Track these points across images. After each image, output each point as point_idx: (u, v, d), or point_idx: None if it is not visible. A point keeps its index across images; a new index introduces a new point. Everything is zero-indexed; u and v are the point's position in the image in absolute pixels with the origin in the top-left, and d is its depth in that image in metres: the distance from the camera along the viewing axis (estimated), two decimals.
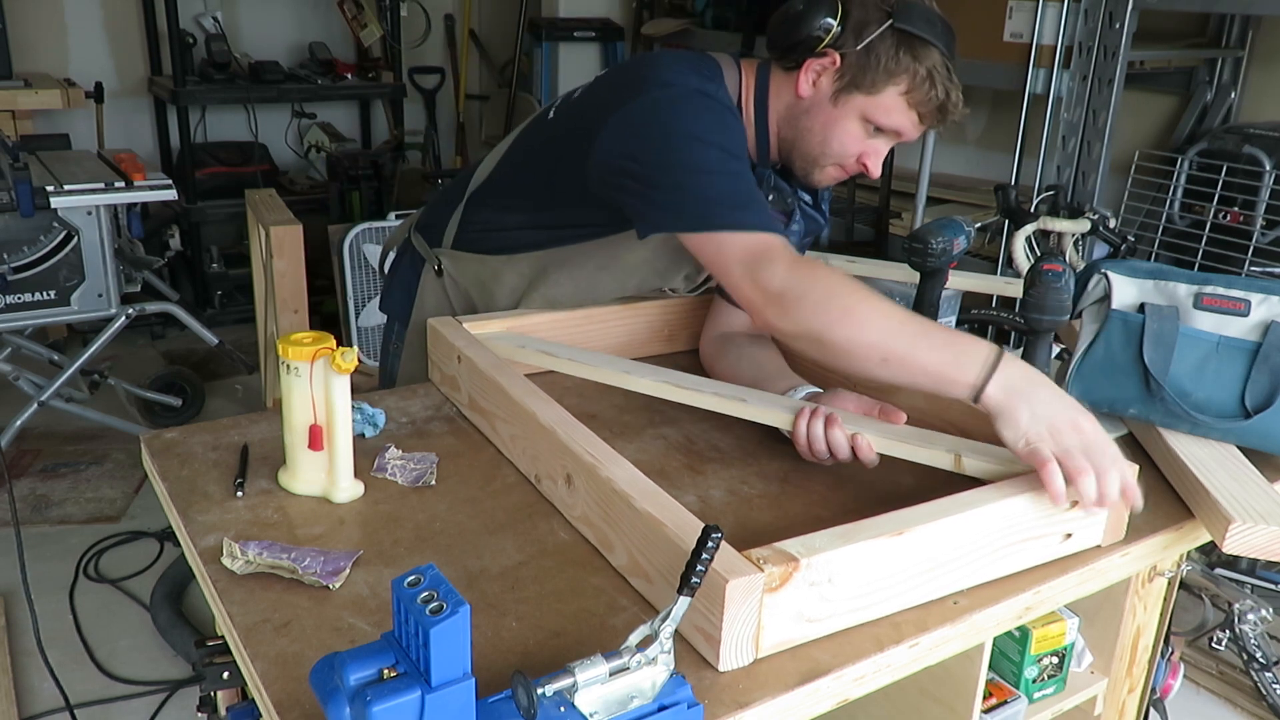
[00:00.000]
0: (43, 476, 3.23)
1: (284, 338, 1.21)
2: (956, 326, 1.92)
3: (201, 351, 3.94)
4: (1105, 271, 1.49)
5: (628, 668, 0.85)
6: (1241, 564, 2.56)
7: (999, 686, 1.44)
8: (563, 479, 1.22)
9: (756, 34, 4.25)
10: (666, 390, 1.45)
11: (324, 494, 1.25)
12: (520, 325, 1.63)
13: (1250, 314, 1.40)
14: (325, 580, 1.08)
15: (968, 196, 3.72)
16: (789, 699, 0.96)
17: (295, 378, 1.21)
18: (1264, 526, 1.19)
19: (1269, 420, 1.37)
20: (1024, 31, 3.15)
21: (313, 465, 1.25)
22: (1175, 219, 3.08)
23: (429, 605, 0.76)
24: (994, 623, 1.12)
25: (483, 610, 1.05)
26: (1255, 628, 2.23)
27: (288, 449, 1.26)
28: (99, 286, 3.00)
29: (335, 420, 1.22)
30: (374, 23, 4.57)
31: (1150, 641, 1.49)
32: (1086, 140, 3.07)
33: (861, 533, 1.03)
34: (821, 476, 1.36)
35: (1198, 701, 2.41)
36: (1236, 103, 3.32)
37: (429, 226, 1.75)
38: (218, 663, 1.19)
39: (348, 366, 1.19)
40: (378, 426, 1.44)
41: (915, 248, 1.70)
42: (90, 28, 4.43)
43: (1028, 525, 1.14)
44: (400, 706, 0.75)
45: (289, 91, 4.48)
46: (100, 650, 2.48)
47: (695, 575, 0.88)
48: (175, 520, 1.23)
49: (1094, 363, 1.47)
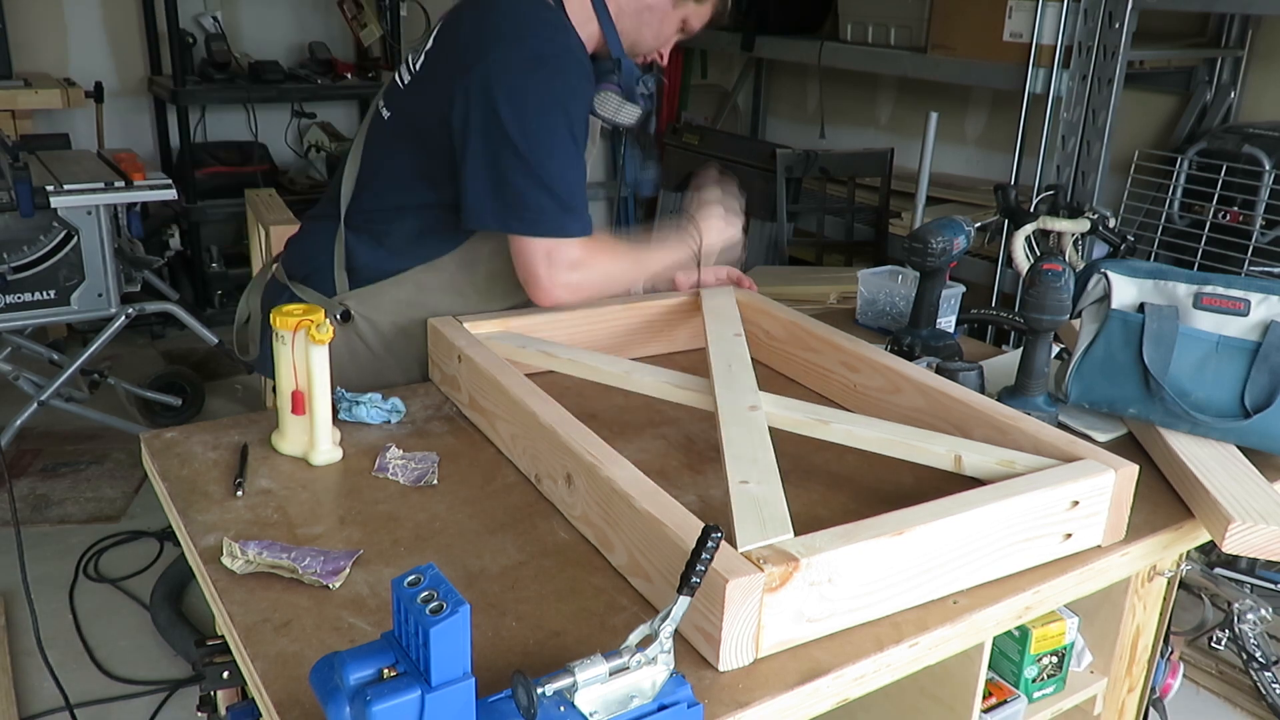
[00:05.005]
0: (43, 476, 3.23)
1: (277, 308, 1.33)
2: (956, 326, 1.92)
3: (201, 351, 3.94)
4: (1105, 271, 1.49)
5: (628, 667, 0.85)
6: (1241, 564, 2.56)
7: (999, 686, 1.44)
8: (563, 479, 1.22)
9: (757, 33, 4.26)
10: (666, 390, 1.45)
11: (304, 455, 1.36)
12: (520, 325, 1.63)
13: (1250, 314, 1.40)
14: (325, 580, 1.08)
15: (968, 196, 3.72)
16: (789, 699, 0.96)
17: (282, 345, 1.32)
18: (1263, 526, 1.19)
19: (1269, 420, 1.37)
20: (1024, 31, 3.15)
21: (297, 428, 1.36)
22: (1175, 219, 3.08)
23: (429, 605, 0.76)
24: (994, 622, 1.13)
25: (483, 610, 1.05)
26: (1255, 627, 2.23)
27: (279, 412, 1.37)
28: (99, 286, 3.00)
29: (314, 387, 1.32)
30: (374, 23, 4.57)
31: (1150, 641, 1.49)
32: (1086, 140, 3.07)
33: (862, 533, 1.03)
34: (821, 476, 1.36)
35: (1197, 701, 2.41)
36: (1236, 102, 3.32)
37: (311, 275, 1.67)
38: (218, 662, 1.19)
39: (323, 338, 1.30)
40: (401, 412, 1.48)
41: (915, 247, 1.70)
42: (90, 28, 4.42)
43: (1028, 525, 1.14)
44: (400, 706, 0.75)
45: (289, 91, 4.48)
46: (100, 650, 2.48)
47: (695, 575, 0.88)
48: (175, 520, 1.23)
49: (1094, 362, 1.47)
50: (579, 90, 1.55)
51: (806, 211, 3.82)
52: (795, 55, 4.17)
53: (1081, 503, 1.17)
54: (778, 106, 4.97)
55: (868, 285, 1.96)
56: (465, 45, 1.55)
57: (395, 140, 1.62)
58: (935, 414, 1.41)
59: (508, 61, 1.49)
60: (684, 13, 1.67)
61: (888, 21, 3.76)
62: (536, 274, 1.56)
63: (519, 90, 1.48)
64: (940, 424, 1.39)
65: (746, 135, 4.93)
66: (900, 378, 1.48)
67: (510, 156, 1.49)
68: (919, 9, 3.61)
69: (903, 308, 1.90)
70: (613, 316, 1.71)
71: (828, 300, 2.21)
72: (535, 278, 1.56)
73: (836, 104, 4.53)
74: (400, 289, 1.63)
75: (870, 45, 3.84)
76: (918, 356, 1.67)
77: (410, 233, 1.62)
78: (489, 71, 1.49)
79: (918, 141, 3.40)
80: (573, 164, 1.53)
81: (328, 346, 1.31)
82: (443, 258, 1.63)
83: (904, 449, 1.31)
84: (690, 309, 1.77)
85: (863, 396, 1.55)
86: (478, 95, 1.49)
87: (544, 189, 1.50)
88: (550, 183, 1.50)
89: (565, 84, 1.52)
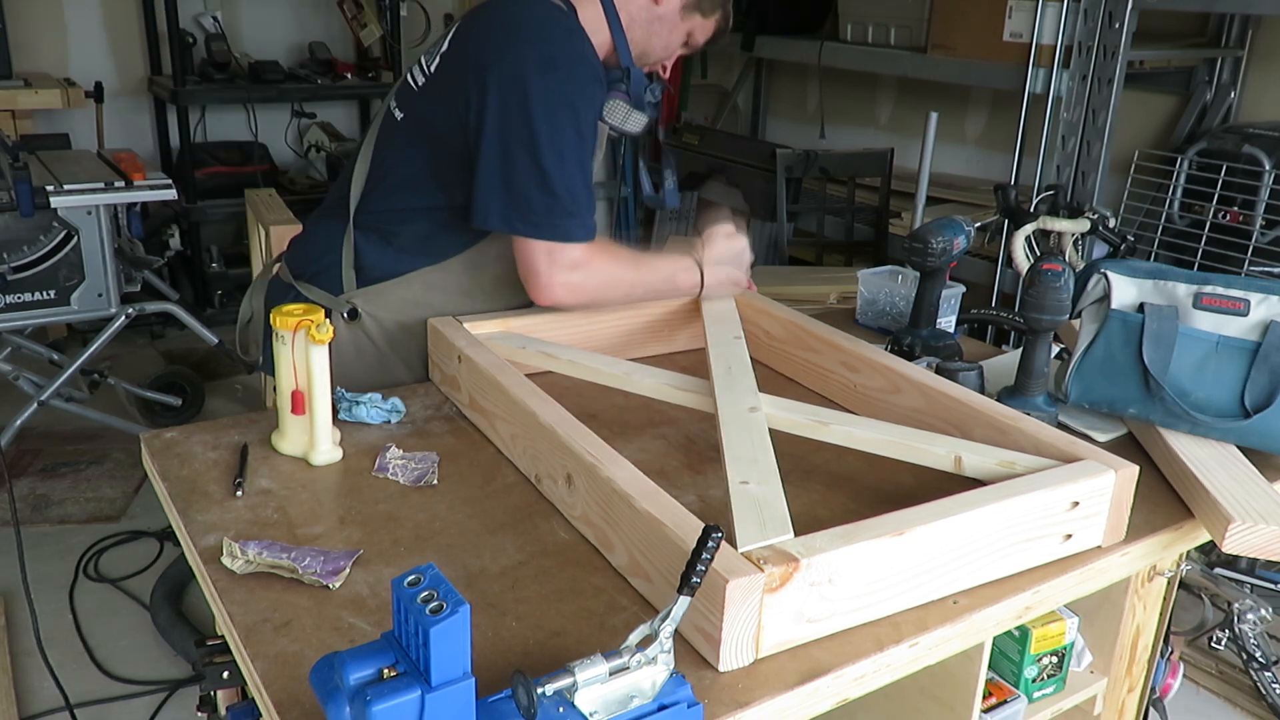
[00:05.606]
0: (43, 476, 3.23)
1: (277, 308, 1.32)
2: (956, 326, 1.92)
3: (201, 351, 3.93)
4: (1105, 271, 1.49)
5: (628, 667, 0.85)
6: (1241, 564, 2.56)
7: (999, 686, 1.44)
8: (563, 479, 1.22)
9: (757, 33, 4.27)
10: (666, 392, 1.45)
11: (304, 455, 1.35)
12: (520, 325, 1.63)
13: (1250, 314, 1.40)
14: (325, 580, 1.08)
15: (968, 196, 3.72)
16: (789, 699, 0.96)
17: (282, 345, 1.32)
18: (1263, 526, 1.19)
19: (1268, 420, 1.37)
20: (1024, 31, 3.15)
21: (297, 428, 1.35)
22: (1175, 219, 3.08)
23: (429, 605, 0.76)
24: (994, 622, 1.13)
25: (483, 610, 1.05)
26: (1255, 627, 2.23)
27: (279, 412, 1.37)
28: (99, 286, 3.00)
29: (314, 387, 1.32)
30: (374, 22, 4.57)
31: (1150, 641, 1.49)
32: (1086, 140, 3.07)
33: (862, 533, 1.03)
34: (821, 477, 1.36)
35: (1197, 701, 2.41)
36: (1236, 102, 3.32)
37: (318, 275, 1.67)
38: (218, 662, 1.19)
39: (323, 338, 1.29)
40: (401, 412, 1.48)
41: (915, 247, 1.70)
42: (90, 28, 4.42)
43: (1028, 526, 1.14)
44: (400, 706, 0.75)
45: (289, 91, 4.48)
46: (100, 650, 2.48)
47: (695, 575, 0.88)
48: (175, 520, 1.23)
49: (1094, 362, 1.47)
50: (590, 95, 1.56)
51: (806, 211, 3.82)
52: (795, 55, 4.17)
53: (1082, 503, 1.17)
54: (778, 106, 4.97)
55: (868, 285, 1.96)
56: (480, 47, 1.55)
57: (408, 141, 1.62)
58: (935, 414, 1.41)
59: (522, 62, 1.50)
60: (690, 25, 1.70)
61: (888, 21, 3.76)
62: (536, 271, 1.56)
63: (531, 91, 1.48)
64: (940, 424, 1.39)
65: (746, 135, 4.93)
66: (900, 378, 1.48)
67: (520, 157, 1.49)
68: (919, 9, 3.61)
69: (903, 308, 1.90)
70: (613, 317, 1.71)
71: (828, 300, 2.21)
72: (535, 275, 1.56)
73: (836, 104, 4.53)
74: (408, 289, 1.64)
75: (870, 45, 3.84)
76: (918, 356, 1.67)
77: (419, 234, 1.63)
78: (503, 72, 1.49)
79: (918, 141, 3.40)
80: (580, 167, 1.54)
81: (328, 346, 1.31)
82: (450, 259, 1.64)
83: (904, 450, 1.30)
84: (690, 311, 1.77)
85: (863, 397, 1.55)
86: (492, 95, 1.49)
87: (550, 191, 1.50)
88: (556, 186, 1.51)
89: (577, 87, 1.53)
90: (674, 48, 1.73)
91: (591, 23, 1.61)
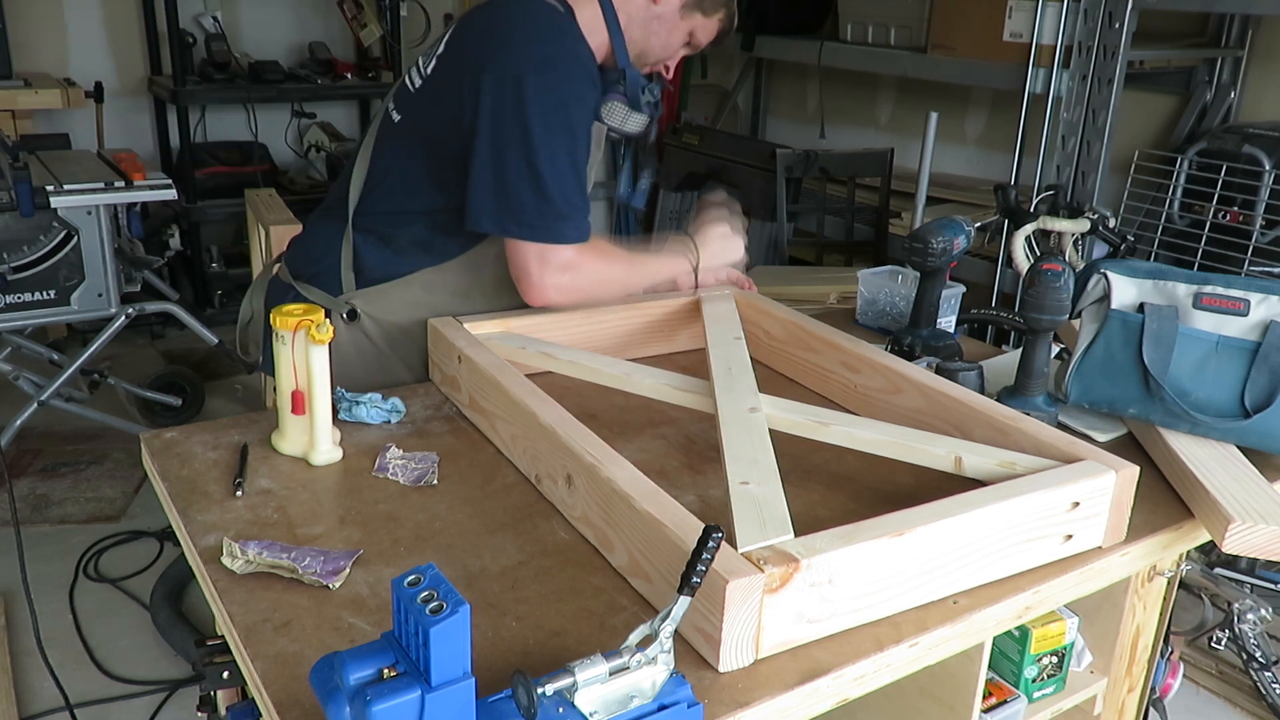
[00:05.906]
0: (43, 476, 3.23)
1: (277, 308, 1.32)
2: (956, 326, 1.92)
3: (201, 351, 3.94)
4: (1105, 271, 1.49)
5: (628, 667, 0.85)
6: (1241, 564, 2.56)
7: (999, 686, 1.44)
8: (563, 479, 1.22)
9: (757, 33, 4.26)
10: (666, 392, 1.45)
11: (304, 455, 1.35)
12: (520, 326, 1.63)
13: (1250, 314, 1.40)
14: (325, 580, 1.08)
15: (968, 196, 3.72)
16: (789, 699, 0.96)
17: (282, 345, 1.32)
18: (1263, 526, 1.19)
19: (1268, 420, 1.37)
20: (1024, 31, 3.15)
21: (297, 428, 1.35)
22: (1175, 219, 3.08)
23: (429, 605, 0.76)
24: (994, 622, 1.12)
25: (483, 610, 1.05)
26: (1255, 627, 2.23)
27: (279, 412, 1.36)
28: (99, 286, 3.00)
29: (314, 387, 1.32)
30: (374, 22, 4.57)
31: (1150, 641, 1.49)
32: (1086, 140, 3.07)
33: (862, 533, 1.03)
34: (821, 477, 1.36)
35: (1197, 701, 2.41)
36: (1236, 102, 3.32)
37: (318, 275, 1.67)
38: (218, 662, 1.19)
39: (323, 338, 1.30)
40: (401, 412, 1.48)
41: (915, 247, 1.70)
42: (90, 28, 4.42)
43: (1028, 526, 1.14)
44: (400, 706, 0.75)
45: (289, 91, 4.48)
46: (100, 650, 2.48)
47: (695, 575, 0.88)
48: (175, 520, 1.23)
49: (1094, 362, 1.47)
50: (584, 96, 1.56)
51: (806, 211, 3.82)
52: (795, 55, 4.17)
53: (1082, 504, 1.17)
54: (778, 106, 4.97)
55: (868, 285, 1.96)
56: (476, 48, 1.55)
57: (405, 144, 1.63)
58: (935, 414, 1.41)
59: (516, 63, 1.50)
60: (691, 25, 1.69)
61: (888, 21, 3.76)
62: (528, 272, 1.56)
63: (526, 92, 1.48)
64: (940, 424, 1.39)
65: (746, 135, 4.93)
66: (900, 378, 1.48)
67: (513, 159, 1.49)
68: (919, 9, 3.61)
69: (903, 308, 1.90)
70: (613, 318, 1.71)
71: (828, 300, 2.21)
72: (526, 276, 1.57)
73: (836, 104, 4.53)
74: (407, 290, 1.64)
75: (870, 45, 3.84)
76: (918, 356, 1.67)
77: (417, 236, 1.63)
78: (498, 72, 1.49)
79: (918, 141, 3.40)
80: (574, 169, 1.54)
81: (328, 346, 1.31)
82: (449, 261, 1.64)
83: (904, 451, 1.30)
84: (690, 311, 1.77)
85: (863, 397, 1.55)
86: (486, 95, 1.49)
87: (543, 194, 1.50)
88: (550, 188, 1.50)
89: (572, 88, 1.53)
90: (674, 48, 1.72)
91: (590, 23, 1.61)
